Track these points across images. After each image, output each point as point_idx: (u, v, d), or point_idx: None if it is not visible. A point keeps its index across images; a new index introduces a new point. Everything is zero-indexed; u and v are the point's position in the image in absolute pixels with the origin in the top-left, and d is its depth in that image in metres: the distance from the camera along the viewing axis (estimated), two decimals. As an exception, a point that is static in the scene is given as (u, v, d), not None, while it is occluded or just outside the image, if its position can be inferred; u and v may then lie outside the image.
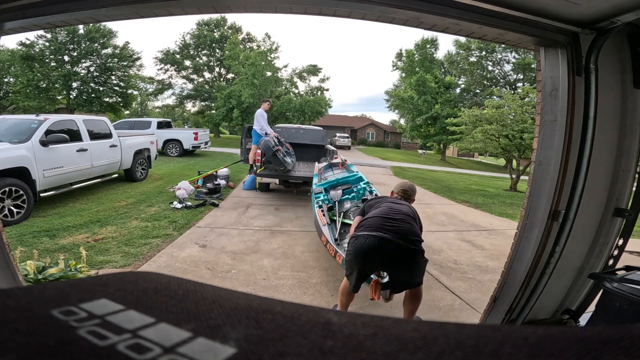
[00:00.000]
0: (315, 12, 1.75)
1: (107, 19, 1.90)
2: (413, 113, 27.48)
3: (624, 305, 1.62)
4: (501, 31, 1.70)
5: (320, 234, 3.46)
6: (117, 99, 27.18)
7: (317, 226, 3.70)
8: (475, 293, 3.26)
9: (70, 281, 0.39)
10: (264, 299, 0.28)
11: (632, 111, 1.88)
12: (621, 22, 1.57)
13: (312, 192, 4.70)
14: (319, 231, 3.55)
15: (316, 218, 3.78)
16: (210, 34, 30.16)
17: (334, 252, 3.02)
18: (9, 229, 4.19)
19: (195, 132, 14.72)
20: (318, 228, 3.65)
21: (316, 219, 3.78)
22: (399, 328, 0.23)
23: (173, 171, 10.00)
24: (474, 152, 32.14)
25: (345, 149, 27.44)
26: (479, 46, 26.16)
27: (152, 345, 0.21)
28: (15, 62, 22.60)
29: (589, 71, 1.78)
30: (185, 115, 34.91)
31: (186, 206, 5.74)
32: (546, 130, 1.90)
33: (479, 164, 30.29)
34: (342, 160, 6.66)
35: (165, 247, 4.00)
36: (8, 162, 4.57)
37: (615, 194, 1.98)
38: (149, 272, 0.34)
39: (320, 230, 3.48)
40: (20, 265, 2.68)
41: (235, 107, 24.90)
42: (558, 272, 2.00)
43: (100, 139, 6.60)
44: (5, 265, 1.94)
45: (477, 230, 5.74)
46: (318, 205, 4.05)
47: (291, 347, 0.21)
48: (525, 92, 14.07)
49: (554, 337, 0.22)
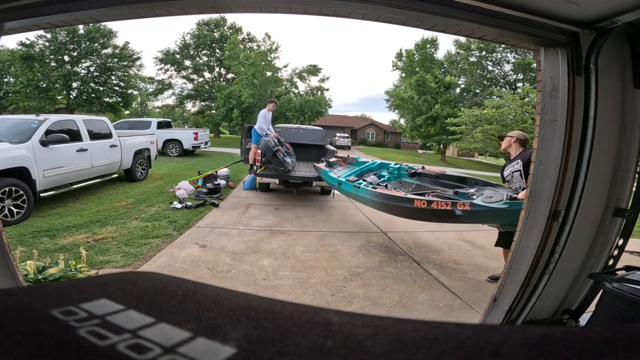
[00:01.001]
0: (315, 12, 1.74)
1: (107, 19, 1.89)
2: (413, 113, 27.48)
3: (624, 305, 1.62)
4: (501, 31, 1.70)
5: (412, 201, 3.46)
6: (117, 99, 27.18)
7: (393, 199, 3.75)
8: (475, 293, 3.26)
9: (70, 281, 0.39)
10: (264, 299, 0.28)
11: (632, 111, 1.88)
12: (621, 22, 1.57)
13: (343, 184, 4.81)
14: (403, 200, 3.59)
15: (385, 195, 3.88)
16: (210, 34, 30.16)
17: (449, 205, 3.15)
18: (9, 229, 4.19)
19: (195, 132, 14.73)
20: (396, 199, 3.70)
21: (385, 195, 3.88)
22: (399, 328, 0.23)
23: (173, 171, 10.00)
24: (474, 152, 32.15)
25: (345, 149, 27.45)
26: (479, 46, 26.14)
27: (152, 345, 0.21)
28: (15, 62, 22.60)
29: (589, 71, 1.78)
30: (185, 115, 34.92)
31: (186, 206, 5.74)
32: (546, 130, 1.90)
33: (479, 164, 30.25)
34: (343, 158, 6.68)
35: (165, 247, 4.00)
36: (8, 162, 4.57)
37: (615, 194, 1.98)
38: (149, 272, 0.34)
39: (405, 198, 3.57)
40: (20, 265, 2.68)
41: (235, 107, 24.91)
42: (558, 272, 2.00)
43: (100, 139, 6.60)
44: (5, 265, 1.94)
45: (477, 230, 5.73)
46: (371, 187, 4.23)
47: (291, 347, 0.21)
48: (525, 92, 14.09)
49: (554, 337, 0.22)
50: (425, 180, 5.14)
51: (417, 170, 5.27)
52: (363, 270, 3.63)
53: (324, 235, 4.79)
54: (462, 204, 3.10)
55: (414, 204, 3.42)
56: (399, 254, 4.23)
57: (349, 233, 4.98)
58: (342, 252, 4.15)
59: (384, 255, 4.14)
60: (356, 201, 5.12)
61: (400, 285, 3.34)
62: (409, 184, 5.17)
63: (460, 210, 3.07)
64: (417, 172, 5.26)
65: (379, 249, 4.37)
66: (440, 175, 4.99)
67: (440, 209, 3.22)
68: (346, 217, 5.93)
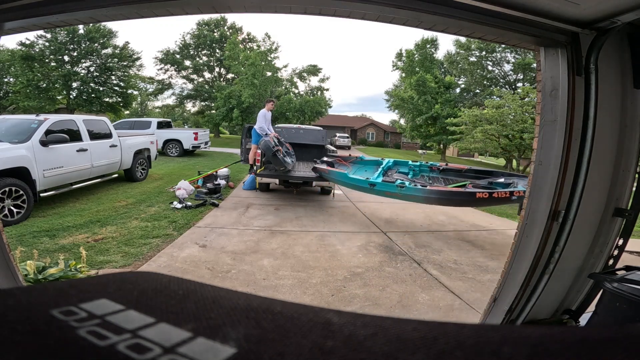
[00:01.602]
0: (315, 12, 1.74)
1: (107, 19, 1.89)
2: (413, 113, 27.48)
3: (624, 305, 1.62)
4: (501, 31, 1.70)
5: (474, 194, 4.35)
6: (117, 99, 27.19)
7: (453, 194, 4.56)
8: (475, 293, 3.26)
9: (70, 281, 0.39)
10: (264, 299, 0.28)
11: (632, 111, 1.88)
12: (621, 22, 1.57)
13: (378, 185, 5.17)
14: (463, 195, 4.47)
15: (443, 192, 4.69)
16: (210, 34, 30.16)
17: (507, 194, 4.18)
18: (9, 229, 4.19)
19: (195, 132, 14.73)
20: (456, 194, 4.54)
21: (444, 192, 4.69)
22: (399, 328, 0.23)
23: (173, 171, 10.00)
24: (474, 152, 32.12)
25: (345, 149, 27.45)
26: (479, 46, 26.13)
27: (152, 345, 0.21)
28: (15, 62, 22.60)
29: (589, 71, 1.77)
30: (185, 115, 34.92)
31: (186, 206, 5.74)
32: (546, 130, 1.90)
33: (479, 164, 30.28)
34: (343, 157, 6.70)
35: (165, 247, 4.00)
36: (8, 162, 4.57)
37: (615, 194, 1.98)
38: (149, 272, 0.34)
39: (466, 192, 4.47)
40: (20, 265, 2.68)
41: (235, 107, 24.92)
42: (558, 272, 2.00)
43: (100, 139, 6.60)
44: (5, 265, 1.94)
45: (477, 230, 5.73)
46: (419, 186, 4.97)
47: (291, 347, 0.21)
48: (525, 92, 14.08)
49: (554, 337, 0.22)
50: (451, 175, 5.99)
51: (444, 167, 6.23)
52: (363, 270, 3.63)
53: (324, 235, 4.79)
54: (518, 192, 4.09)
55: (476, 195, 4.29)
56: (399, 254, 4.23)
57: (349, 233, 4.98)
58: (342, 252, 4.15)
59: (384, 255, 4.14)
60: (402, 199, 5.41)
61: (400, 285, 3.34)
62: (437, 179, 6.04)
63: (515, 197, 4.10)
64: (445, 168, 6.21)
65: (379, 249, 4.37)
66: (467, 170, 5.92)
67: (500, 197, 4.19)
68: (346, 217, 5.93)
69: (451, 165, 6.19)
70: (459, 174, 5.89)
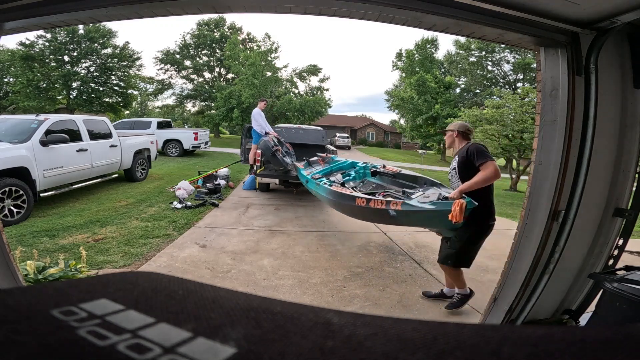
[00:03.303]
0: (315, 12, 1.75)
1: (107, 19, 1.90)
2: (413, 113, 27.49)
3: (624, 305, 1.62)
4: (501, 31, 1.70)
5: (354, 198, 3.39)
6: (117, 99, 27.19)
7: (340, 197, 3.71)
8: (475, 293, 3.26)
9: (70, 281, 0.39)
10: (264, 299, 0.28)
11: (632, 111, 1.88)
12: (621, 22, 1.57)
13: (309, 181, 4.87)
14: (347, 198, 3.55)
15: (335, 192, 3.85)
16: (210, 34, 30.16)
17: (383, 204, 2.94)
18: (9, 229, 4.19)
19: (195, 132, 14.73)
20: (343, 197, 3.65)
21: (335, 193, 3.85)
22: (399, 328, 0.23)
23: (173, 171, 10.00)
24: (474, 152, 32.00)
25: (345, 149, 27.44)
26: (479, 46, 26.14)
27: (152, 345, 0.21)
28: (15, 62, 22.60)
29: (589, 71, 1.78)
30: (185, 115, 34.92)
31: (186, 206, 5.74)
32: (546, 130, 1.90)
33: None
34: (322, 157, 6.69)
35: (165, 247, 4.00)
36: (8, 162, 4.57)
37: (615, 194, 1.98)
38: (149, 272, 0.34)
39: (350, 196, 3.55)
40: (20, 265, 2.68)
41: (235, 107, 24.92)
42: (558, 272, 2.00)
43: (100, 139, 6.60)
44: (5, 265, 1.94)
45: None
46: (328, 184, 4.30)
47: (291, 347, 0.21)
48: (525, 92, 14.07)
49: (554, 337, 0.22)
50: (385, 180, 4.94)
51: (378, 169, 5.09)
52: (363, 270, 3.63)
53: (324, 235, 4.79)
54: (395, 203, 2.85)
55: (356, 202, 3.30)
56: (399, 254, 4.23)
57: (349, 233, 4.98)
58: (342, 252, 4.15)
59: (384, 255, 4.14)
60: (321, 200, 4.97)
61: (400, 285, 3.34)
62: (370, 184, 5.05)
63: (393, 211, 2.82)
64: (377, 171, 5.09)
65: (379, 249, 4.37)
66: (397, 175, 4.76)
67: (375, 208, 3.02)
68: (346, 217, 5.91)
69: (387, 168, 5.05)
70: (391, 178, 4.83)
